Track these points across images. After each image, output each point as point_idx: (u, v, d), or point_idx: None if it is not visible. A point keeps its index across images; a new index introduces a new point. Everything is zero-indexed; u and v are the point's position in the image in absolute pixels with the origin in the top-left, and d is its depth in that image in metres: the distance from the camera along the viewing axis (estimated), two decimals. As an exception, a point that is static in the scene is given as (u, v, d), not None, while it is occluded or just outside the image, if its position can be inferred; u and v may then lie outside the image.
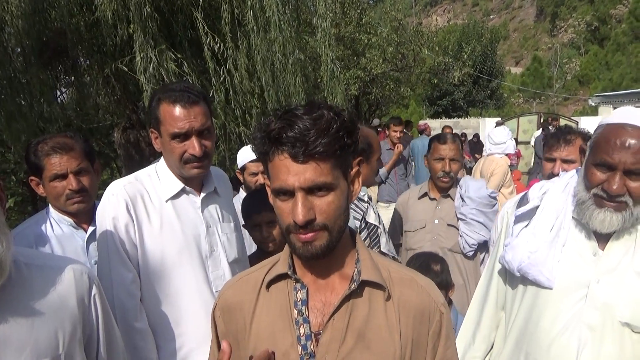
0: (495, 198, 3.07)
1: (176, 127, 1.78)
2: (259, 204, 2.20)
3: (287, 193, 1.00)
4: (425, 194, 3.12)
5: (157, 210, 1.87)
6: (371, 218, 2.48)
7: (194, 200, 1.97)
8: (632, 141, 1.43)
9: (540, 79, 48.78)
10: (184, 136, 1.80)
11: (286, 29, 5.56)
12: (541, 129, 14.68)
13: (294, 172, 0.97)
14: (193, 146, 1.81)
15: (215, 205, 2.04)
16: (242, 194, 3.32)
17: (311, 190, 0.99)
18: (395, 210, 3.35)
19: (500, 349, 1.82)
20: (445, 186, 3.03)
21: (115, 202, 1.82)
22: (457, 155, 2.99)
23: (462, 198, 3.01)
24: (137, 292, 1.83)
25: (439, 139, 3.06)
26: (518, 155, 10.86)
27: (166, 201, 1.90)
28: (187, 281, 1.88)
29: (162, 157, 1.97)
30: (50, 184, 2.06)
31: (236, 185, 3.31)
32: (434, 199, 3.08)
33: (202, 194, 1.99)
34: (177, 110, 1.78)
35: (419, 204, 3.13)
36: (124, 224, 1.81)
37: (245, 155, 3.24)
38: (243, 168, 3.27)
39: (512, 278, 1.76)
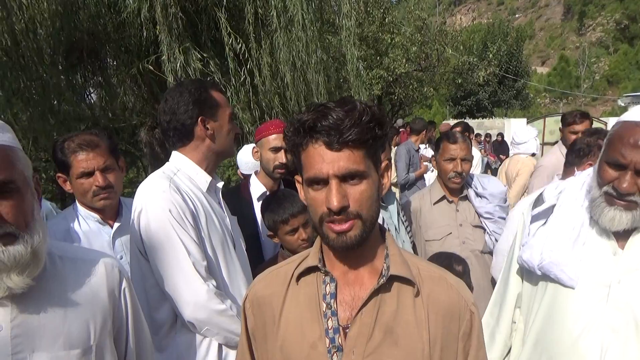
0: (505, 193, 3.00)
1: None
2: (291, 207, 2.20)
3: (321, 182, 1.01)
4: (443, 198, 2.94)
5: (199, 202, 1.90)
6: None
7: (215, 194, 2.04)
8: None
9: (568, 78, 47.86)
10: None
11: (309, 29, 5.58)
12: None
13: (328, 160, 1.00)
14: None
15: (222, 199, 2.09)
16: None
17: (345, 178, 1.01)
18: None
19: (518, 351, 1.78)
20: (456, 187, 2.89)
21: (168, 197, 1.79)
22: (469, 154, 2.85)
23: (480, 196, 2.91)
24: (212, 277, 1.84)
25: (449, 138, 2.89)
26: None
27: (204, 192, 1.94)
28: (232, 269, 1.94)
29: (178, 154, 1.95)
30: (77, 180, 2.10)
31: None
32: (452, 201, 2.93)
33: (219, 188, 2.05)
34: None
35: (435, 209, 2.94)
36: (184, 214, 1.79)
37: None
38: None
39: (531, 278, 1.73)
